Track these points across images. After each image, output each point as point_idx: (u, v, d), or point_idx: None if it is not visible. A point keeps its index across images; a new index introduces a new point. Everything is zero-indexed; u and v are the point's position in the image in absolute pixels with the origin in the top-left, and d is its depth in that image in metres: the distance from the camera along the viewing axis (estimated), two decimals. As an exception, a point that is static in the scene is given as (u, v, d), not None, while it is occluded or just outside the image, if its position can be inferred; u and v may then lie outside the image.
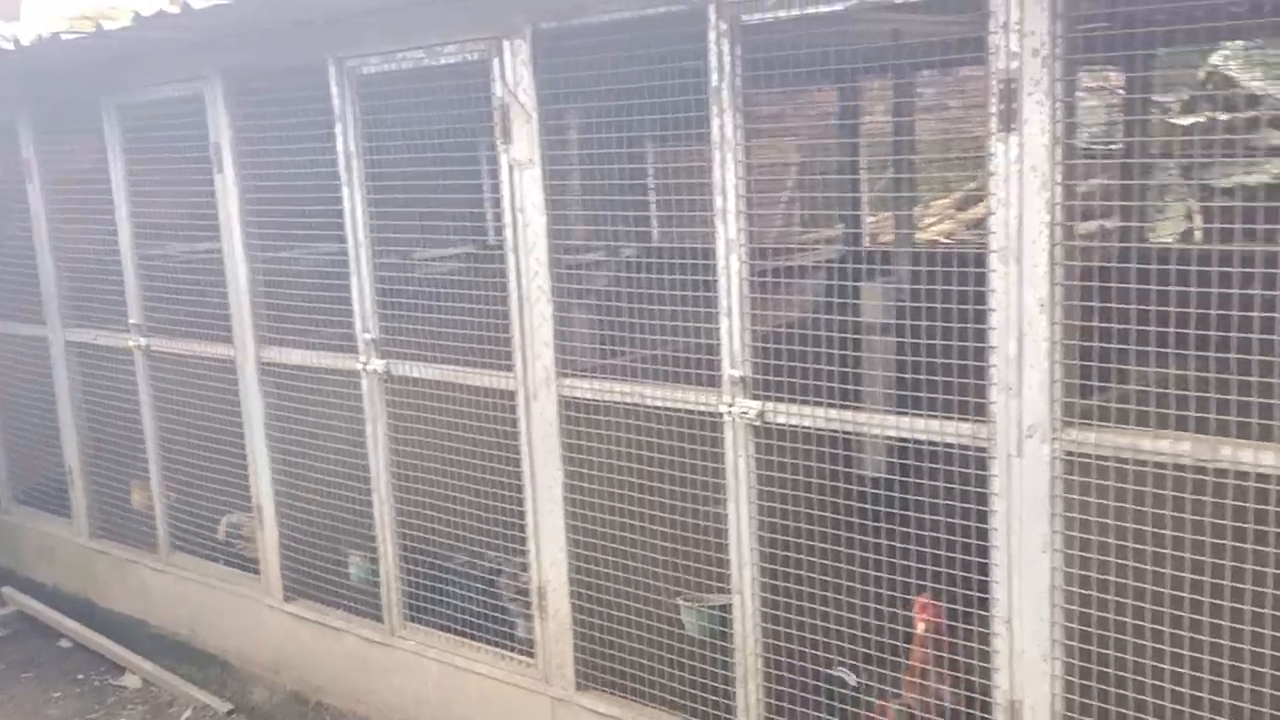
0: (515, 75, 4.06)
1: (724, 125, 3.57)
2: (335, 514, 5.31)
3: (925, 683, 3.76)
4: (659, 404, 3.99)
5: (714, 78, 3.56)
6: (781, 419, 3.67)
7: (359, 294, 4.81)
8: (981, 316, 3.17)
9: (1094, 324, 3.04)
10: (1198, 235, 8.02)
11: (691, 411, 3.91)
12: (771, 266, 5.46)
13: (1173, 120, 7.65)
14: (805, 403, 3.60)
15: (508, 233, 4.22)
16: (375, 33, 4.44)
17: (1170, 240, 7.83)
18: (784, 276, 5.68)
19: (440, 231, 4.81)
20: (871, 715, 3.91)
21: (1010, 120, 3.01)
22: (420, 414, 4.77)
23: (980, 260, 3.16)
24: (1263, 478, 2.74)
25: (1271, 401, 2.73)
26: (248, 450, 5.50)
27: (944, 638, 3.73)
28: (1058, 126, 2.95)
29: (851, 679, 3.99)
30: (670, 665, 4.14)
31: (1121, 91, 6.03)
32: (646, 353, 4.17)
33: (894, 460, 4.62)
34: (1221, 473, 2.81)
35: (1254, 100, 7.57)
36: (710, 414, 3.83)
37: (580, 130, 4.70)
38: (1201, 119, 7.62)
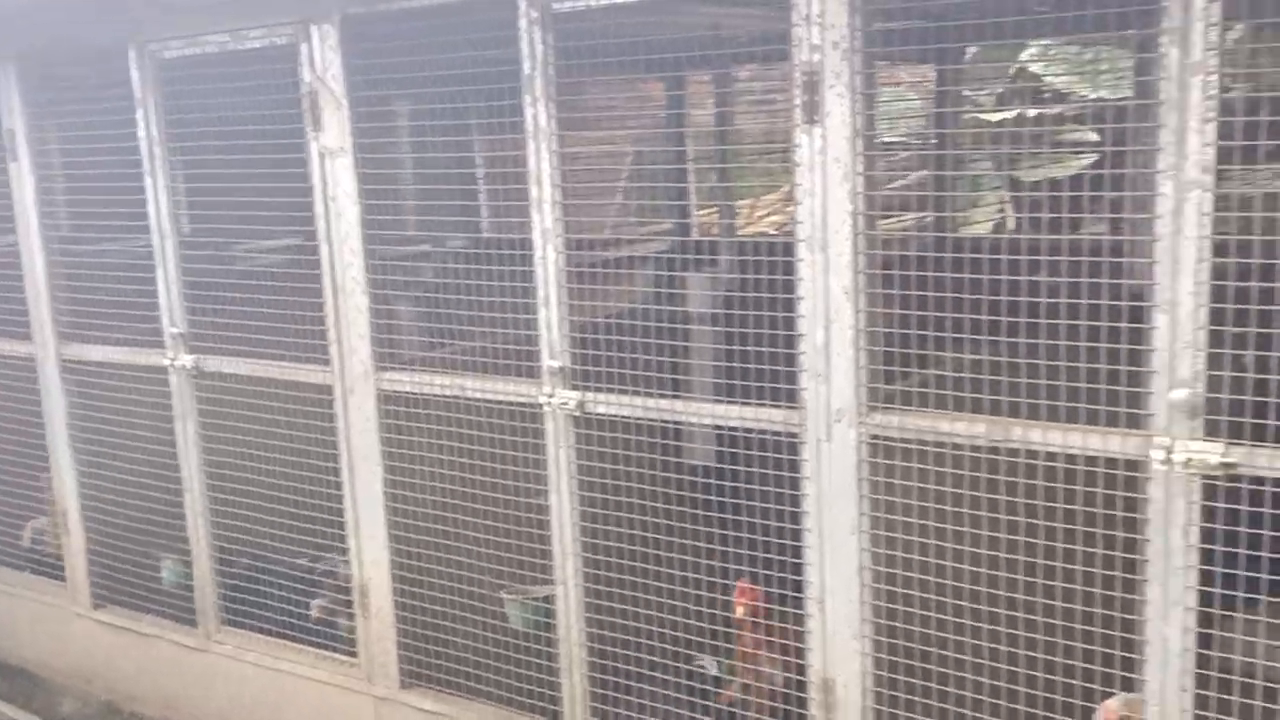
0: (324, 61, 3.95)
1: (538, 115, 3.55)
2: (146, 516, 5.11)
3: (749, 666, 3.82)
4: (480, 396, 3.95)
5: (526, 66, 3.53)
6: (601, 409, 3.67)
7: (165, 286, 4.62)
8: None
9: (896, 311, 3.12)
10: (1010, 225, 8.36)
11: (512, 403, 3.88)
12: (597, 258, 5.46)
13: (984, 115, 7.93)
14: (624, 392, 3.61)
15: (319, 223, 4.11)
16: (176, 15, 4.26)
17: (983, 231, 8.13)
18: (611, 267, 5.68)
19: (260, 222, 4.65)
20: (722, 705, 3.94)
21: (813, 112, 3.06)
22: (236, 411, 4.61)
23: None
24: (1050, 456, 2.87)
25: (1058, 383, 2.85)
26: (50, 452, 5.25)
27: (763, 620, 3.79)
28: (859, 119, 3.02)
29: (712, 669, 4.03)
30: (496, 659, 4.11)
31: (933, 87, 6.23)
32: (472, 345, 4.12)
33: (722, 449, 4.67)
34: (1014, 452, 2.93)
35: (1059, 96, 7.93)
36: (530, 405, 3.80)
37: (401, 118, 4.60)
38: (1011, 114, 7.94)
